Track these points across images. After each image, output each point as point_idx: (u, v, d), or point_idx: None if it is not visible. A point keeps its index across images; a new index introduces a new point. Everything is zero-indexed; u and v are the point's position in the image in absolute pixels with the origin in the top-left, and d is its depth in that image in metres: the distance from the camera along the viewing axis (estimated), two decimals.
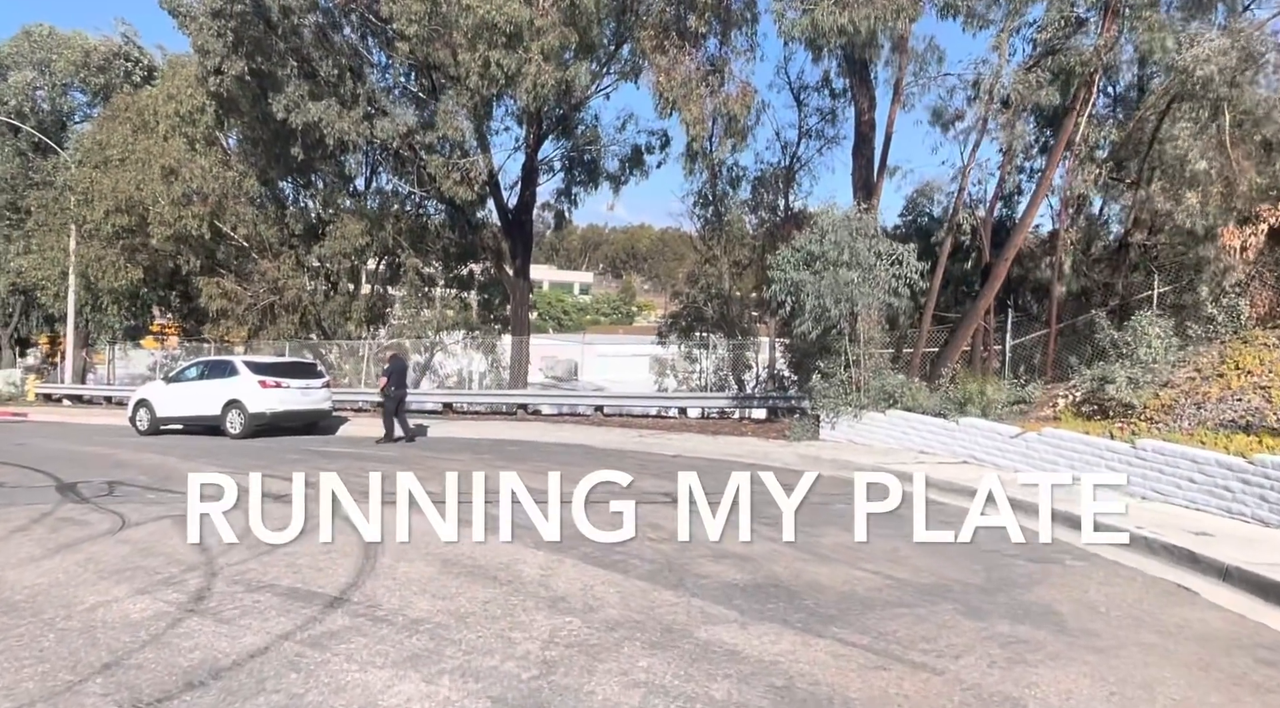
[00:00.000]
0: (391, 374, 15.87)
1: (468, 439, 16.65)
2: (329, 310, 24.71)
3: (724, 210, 20.79)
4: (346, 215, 23.51)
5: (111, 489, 9.86)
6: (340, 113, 20.56)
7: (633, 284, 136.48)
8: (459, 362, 26.94)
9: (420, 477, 11.26)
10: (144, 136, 23.02)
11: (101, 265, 23.02)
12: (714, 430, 16.36)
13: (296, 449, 14.68)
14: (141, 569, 6.15)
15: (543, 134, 22.40)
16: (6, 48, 29.25)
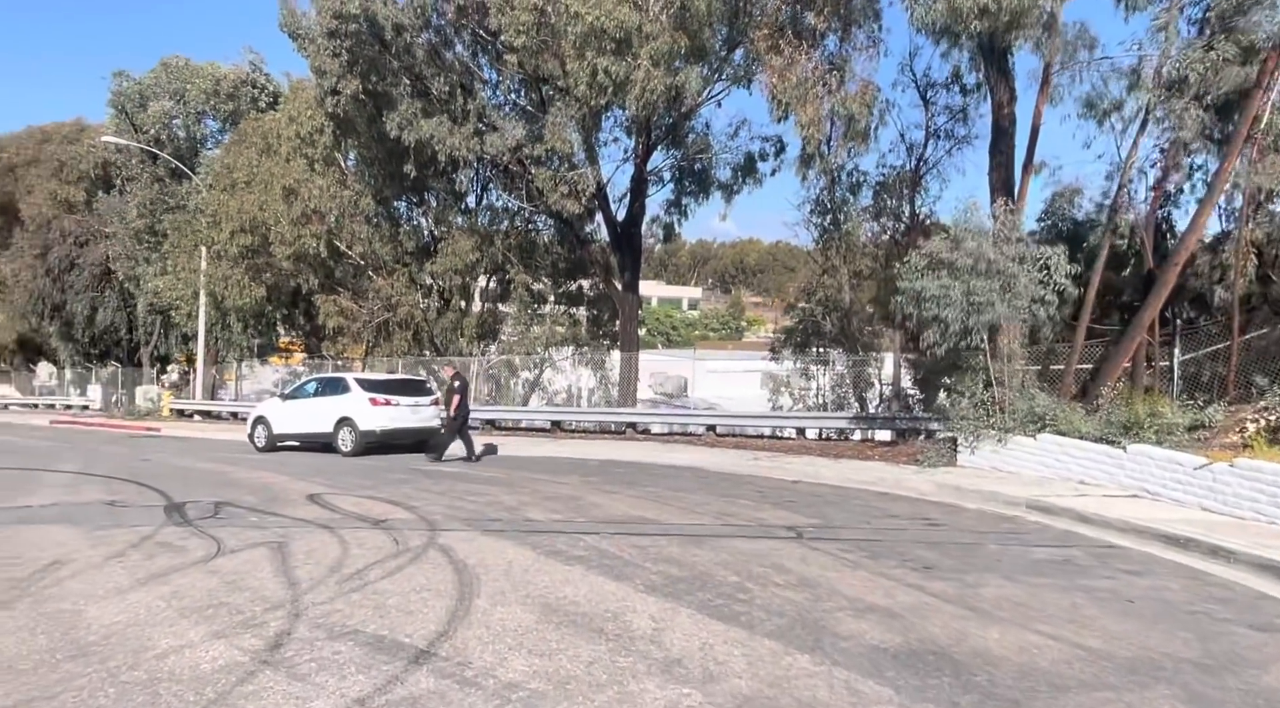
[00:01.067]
0: (462, 392, 15.70)
1: (575, 460, 16.06)
2: (441, 327, 24.81)
3: (843, 218, 19.61)
4: (457, 232, 23.57)
5: (217, 511, 9.66)
6: (451, 129, 20.59)
7: (742, 299, 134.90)
8: (567, 378, 26.60)
9: (524, 502, 10.70)
10: (267, 159, 23.79)
11: (228, 284, 23.87)
12: (835, 453, 15.20)
13: (404, 468, 14.43)
14: (224, 607, 5.67)
15: (652, 144, 21.82)
16: (147, 79, 31.12)
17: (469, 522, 8.96)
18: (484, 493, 11.17)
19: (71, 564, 6.87)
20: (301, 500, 10.50)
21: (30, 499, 10.60)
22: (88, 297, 34.06)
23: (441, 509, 9.76)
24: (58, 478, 13.00)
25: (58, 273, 34.04)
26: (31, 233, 35.34)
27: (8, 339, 38.54)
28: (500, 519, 9.15)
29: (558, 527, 8.71)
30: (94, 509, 9.76)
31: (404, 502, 10.33)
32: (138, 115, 31.03)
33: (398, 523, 8.84)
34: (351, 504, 10.15)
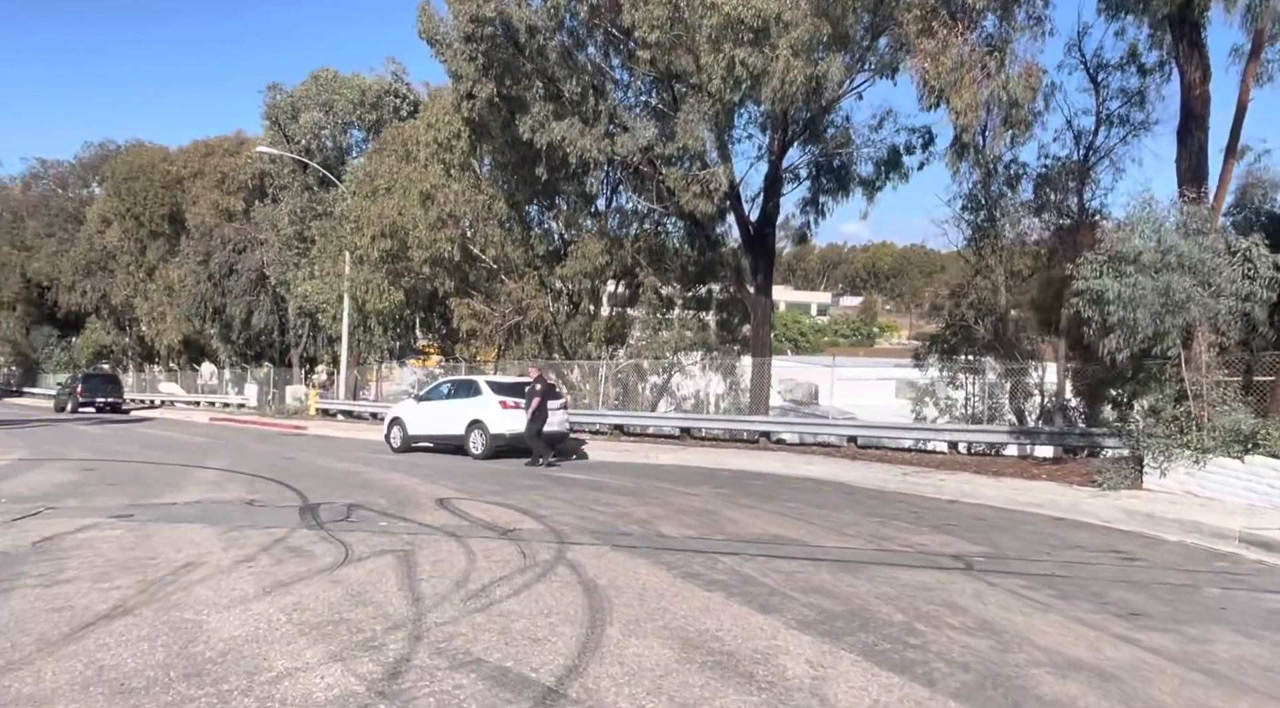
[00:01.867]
0: (543, 395, 15.33)
1: (706, 469, 15.37)
2: (570, 331, 24.69)
3: (999, 214, 18.08)
4: (587, 235, 23.39)
5: (349, 513, 9.53)
6: (582, 131, 20.37)
7: (874, 304, 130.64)
8: (696, 383, 25.97)
9: (655, 514, 10.08)
10: (406, 165, 24.38)
11: (369, 288, 24.62)
12: (994, 470, 13.84)
13: (533, 474, 14.14)
14: (345, 624, 5.30)
15: (788, 140, 20.90)
16: (298, 91, 32.75)
17: (599, 535, 8.42)
18: (614, 503, 10.64)
19: (202, 567, 6.75)
20: (431, 505, 10.28)
21: (177, 496, 10.85)
22: (244, 300, 36.14)
23: (570, 520, 9.29)
24: (206, 475, 13.41)
25: (218, 278, 36.30)
26: (196, 240, 37.88)
27: (174, 340, 41.51)
28: (631, 533, 8.57)
29: (693, 545, 8.05)
30: (234, 508, 9.83)
31: (532, 510, 9.92)
32: (289, 126, 32.71)
33: (526, 534, 8.40)
34: (480, 511, 9.84)
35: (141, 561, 6.95)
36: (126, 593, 5.93)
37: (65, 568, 6.66)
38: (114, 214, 43.30)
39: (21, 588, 6.05)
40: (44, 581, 6.25)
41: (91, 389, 37.95)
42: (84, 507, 9.77)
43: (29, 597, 5.80)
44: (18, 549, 7.36)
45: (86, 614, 5.41)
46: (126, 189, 41.34)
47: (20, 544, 7.56)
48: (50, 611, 5.48)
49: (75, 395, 37.52)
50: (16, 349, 63.77)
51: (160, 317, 41.56)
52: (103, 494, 10.89)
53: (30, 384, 62.39)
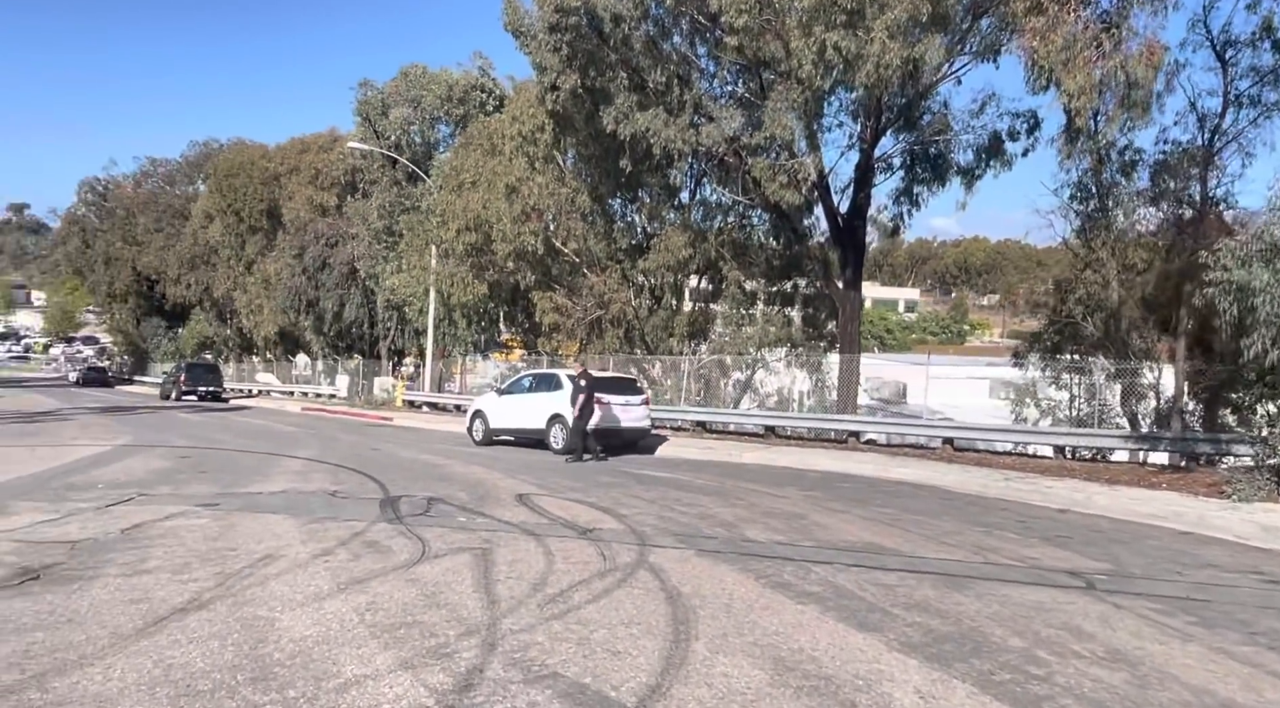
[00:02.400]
0: (588, 391, 15.13)
1: (792, 470, 14.81)
2: (651, 325, 24.38)
3: (1111, 203, 16.88)
4: (670, 228, 23.02)
5: (429, 507, 9.40)
6: (667, 121, 20.00)
7: (965, 301, 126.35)
8: (780, 380, 25.31)
9: (741, 517, 9.62)
10: (491, 159, 24.48)
11: (454, 281, 24.85)
12: (1106, 477, 12.86)
13: (613, 471, 13.85)
14: (418, 627, 5.06)
15: (881, 128, 20.05)
16: (388, 88, 33.38)
17: (682, 537, 8.04)
18: (697, 504, 10.24)
19: (280, 560, 6.65)
20: (510, 500, 10.08)
21: (264, 485, 10.95)
22: (336, 294, 37.10)
23: (652, 520, 8.93)
24: (293, 464, 13.59)
25: (312, 272, 37.37)
26: (291, 235, 39.12)
27: (270, 331, 43.01)
28: (716, 537, 8.16)
29: (782, 551, 7.58)
30: (316, 499, 9.83)
31: (613, 509, 9.61)
32: (380, 122, 33.37)
33: (606, 534, 8.09)
34: (559, 508, 9.58)
35: (222, 552, 6.90)
36: (203, 586, 5.85)
37: (148, 557, 6.66)
38: (216, 210, 45.15)
39: (105, 577, 6.03)
40: (126, 570, 6.24)
41: (194, 378, 39.61)
42: (174, 495, 9.92)
43: (110, 587, 5.77)
44: (107, 536, 7.43)
45: (162, 608, 5.32)
46: (228, 186, 43.02)
47: (110, 531, 7.64)
48: (128, 602, 5.42)
49: (179, 384, 39.23)
50: (128, 339, 67.39)
51: (258, 309, 43.12)
52: (193, 482, 11.08)
53: (141, 372, 65.85)
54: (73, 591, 5.64)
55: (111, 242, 58.36)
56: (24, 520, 8.07)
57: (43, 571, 6.17)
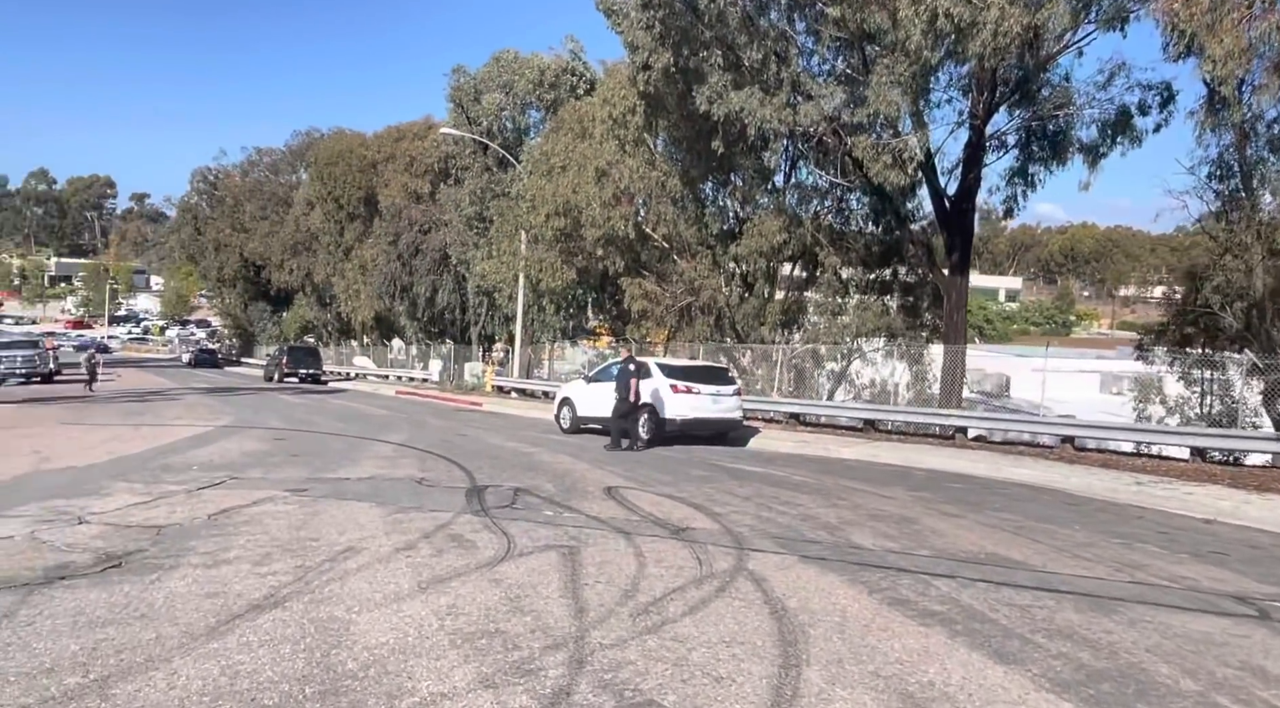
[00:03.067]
0: (635, 377, 14.85)
1: (896, 467, 13.95)
2: (742, 313, 23.64)
3: (1257, 182, 15.27)
4: (763, 213, 22.25)
5: (515, 499, 9.06)
6: (762, 100, 19.18)
7: (1071, 290, 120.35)
8: (878, 371, 24.23)
9: (845, 519, 8.92)
10: (581, 143, 24.14)
11: (543, 267, 24.67)
12: (1254, 484, 11.56)
13: (704, 463, 13.30)
14: (500, 637, 4.64)
15: (994, 103, 18.74)
16: (480, 73, 33.47)
17: (782, 541, 7.44)
18: (796, 502, 9.59)
19: (362, 554, 6.36)
20: (599, 493, 9.66)
21: (351, 471, 10.83)
22: (429, 279, 37.60)
23: (749, 520, 8.35)
24: (383, 449, 13.53)
25: (406, 258, 37.96)
26: (386, 222, 39.82)
27: (367, 316, 44.01)
28: (819, 541, 7.52)
29: (895, 560, 6.89)
30: (402, 487, 9.62)
31: (706, 506, 9.07)
32: (472, 108, 33.50)
33: (700, 534, 7.55)
34: (649, 504, 9.09)
35: (304, 542, 6.67)
36: (282, 580, 5.59)
37: (230, 546, 6.47)
38: (316, 197, 46.40)
39: (185, 566, 5.85)
40: (207, 560, 6.04)
41: (295, 361, 40.89)
42: (264, 479, 9.87)
43: (188, 578, 5.56)
44: (193, 522, 7.31)
45: (238, 604, 5.05)
46: (327, 174, 44.11)
47: (197, 517, 7.54)
48: (204, 596, 5.18)
49: (281, 367, 40.56)
50: (236, 323, 70.41)
51: (355, 294, 44.16)
52: (284, 466, 11.06)
53: (247, 355, 68.75)
54: (150, 582, 5.45)
55: (221, 229, 60.91)
56: (117, 503, 8.08)
57: (125, 558, 6.03)
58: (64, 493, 8.48)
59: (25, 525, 6.93)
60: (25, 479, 9.43)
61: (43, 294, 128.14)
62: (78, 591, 5.21)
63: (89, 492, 8.61)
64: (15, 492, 8.55)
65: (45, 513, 7.48)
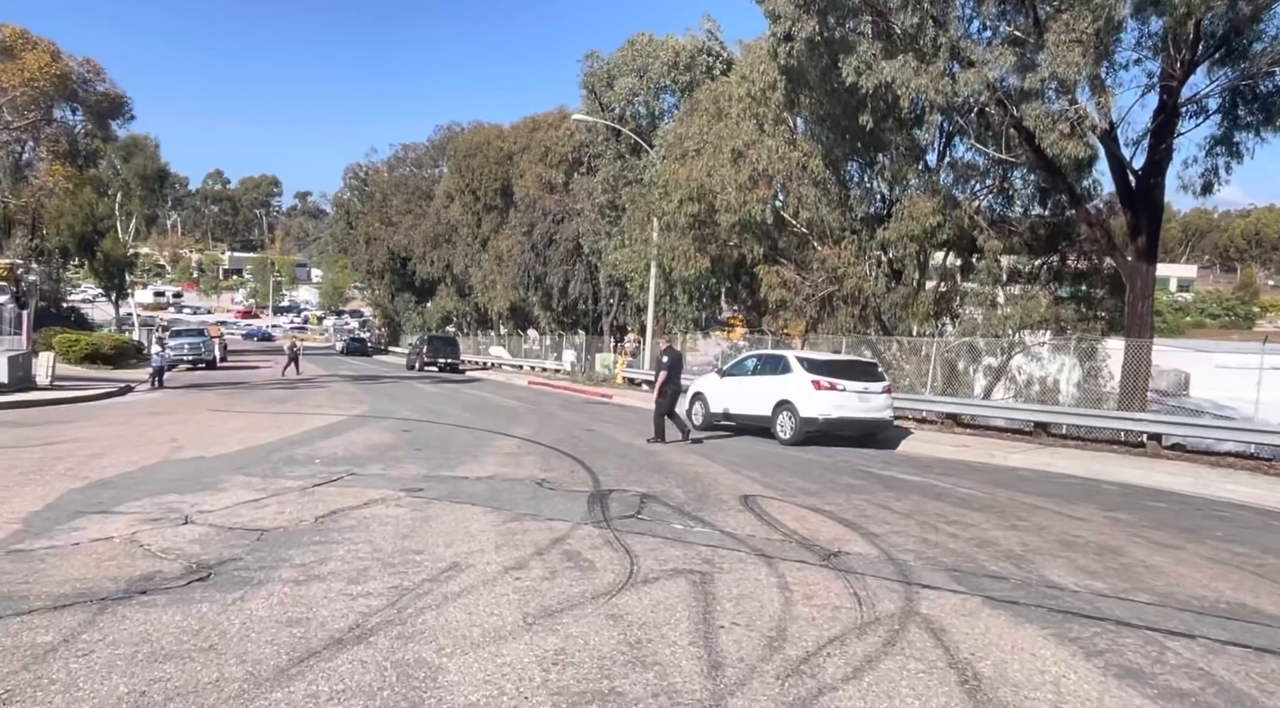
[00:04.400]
0: (671, 370, 14.15)
1: (1079, 480, 12.19)
2: (889, 303, 21.90)
3: None
4: (915, 194, 20.45)
5: (640, 507, 8.15)
6: (917, 69, 17.51)
7: (1255, 279, 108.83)
8: (1040, 368, 21.93)
9: (1029, 545, 7.48)
10: (717, 123, 23.02)
11: (675, 255, 23.73)
12: None
13: (851, 469, 11.99)
14: (615, 699, 3.71)
15: (1192, 62, 16.30)
16: (614, 58, 32.83)
17: (958, 574, 6.18)
18: (966, 522, 8.23)
19: (467, 573, 5.60)
20: (734, 503, 8.63)
21: (472, 468, 10.25)
22: (562, 270, 37.51)
23: (912, 543, 7.11)
24: (507, 444, 12.97)
25: (540, 248, 38.03)
26: (521, 212, 40.05)
27: (503, 307, 44.57)
28: (1005, 577, 6.21)
29: (1109, 608, 5.51)
30: (521, 490, 8.90)
31: (858, 523, 7.87)
32: (605, 94, 32.95)
33: (856, 561, 6.40)
34: (792, 518, 7.98)
35: (407, 555, 5.98)
36: (373, 604, 4.87)
37: (329, 557, 5.86)
38: (455, 190, 47.38)
39: (274, 582, 5.24)
40: (300, 574, 5.43)
41: (434, 351, 41.92)
42: (382, 475, 9.40)
43: (273, 598, 4.93)
44: (298, 526, 6.80)
45: (318, 636, 4.35)
46: (466, 166, 44.89)
47: (303, 519, 7.03)
48: (284, 624, 4.51)
49: (421, 356, 41.67)
50: (384, 313, 73.60)
51: (491, 285, 44.79)
52: (405, 461, 10.62)
53: (394, 344, 71.72)
54: (232, 601, 4.85)
55: (370, 223, 63.53)
56: (229, 499, 7.72)
57: (216, 568, 5.50)
58: (181, 487, 8.23)
59: (129, 525, 6.60)
60: (152, 470, 9.33)
61: (217, 286, 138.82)
62: (153, 610, 4.66)
63: (205, 486, 8.34)
64: (137, 484, 8.38)
65: (155, 510, 7.17)
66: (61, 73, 19.30)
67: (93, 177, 49.62)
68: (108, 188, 52.94)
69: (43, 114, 20.03)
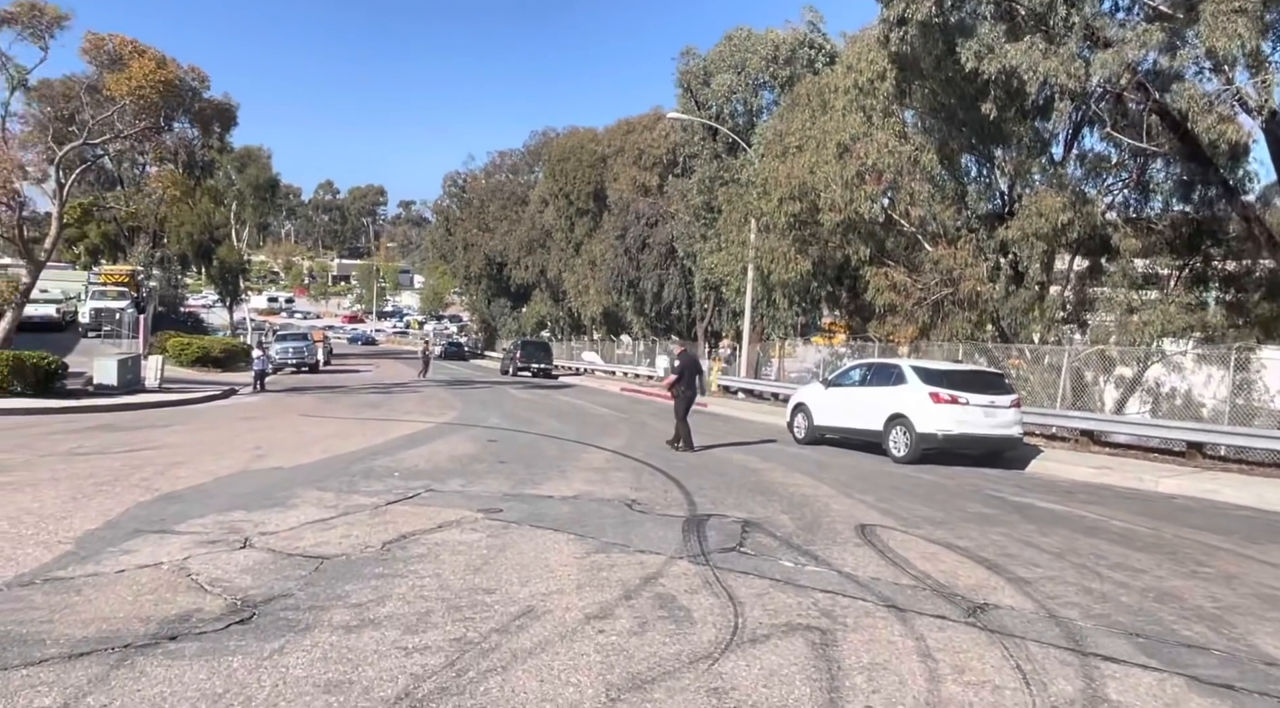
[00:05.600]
0: (683, 373, 13.69)
1: (1252, 512, 10.54)
2: (1010, 307, 20.19)
3: None
4: (1042, 189, 18.74)
5: (743, 538, 7.19)
6: (1045, 52, 15.99)
7: None
8: (1184, 379, 19.78)
9: (1226, 604, 5.89)
10: (821, 116, 21.78)
11: (774, 257, 22.54)
12: None
13: (979, 494, 10.68)
14: None
15: None
16: (711, 54, 31.84)
17: (1141, 640, 4.99)
18: (1133, 566, 6.93)
19: (542, 622, 4.76)
20: (849, 534, 7.56)
21: (557, 486, 9.47)
22: (655, 274, 36.78)
23: (1072, 594, 5.92)
24: (595, 458, 12.18)
25: (633, 252, 37.39)
26: (614, 216, 39.54)
27: (596, 311, 44.17)
28: (1204, 646, 4.98)
29: None
30: (610, 512, 8.05)
31: (1001, 564, 6.69)
32: (701, 92, 32.01)
33: (1007, 618, 5.28)
34: (920, 555, 6.87)
35: (476, 596, 5.19)
36: (430, 664, 4.08)
37: (389, 596, 5.12)
38: (550, 194, 47.34)
39: (321, 628, 4.52)
40: (353, 618, 4.70)
41: (527, 356, 41.81)
42: (461, 493, 8.72)
43: (316, 651, 4.20)
44: (362, 554, 6.11)
45: (358, 706, 3.57)
46: (560, 170, 44.74)
47: (370, 545, 6.35)
48: (320, 689, 3.76)
49: (515, 361, 41.61)
50: (481, 317, 74.65)
51: (584, 289, 44.46)
52: (487, 476, 9.94)
53: (490, 348, 72.63)
54: (269, 654, 4.14)
55: (468, 229, 64.44)
56: (296, 518, 7.14)
57: (261, 607, 4.82)
58: (250, 502, 7.73)
59: (184, 548, 6.05)
60: (226, 481, 8.91)
61: (326, 291, 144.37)
62: (177, 664, 3.98)
63: (275, 502, 7.81)
64: (206, 498, 7.93)
65: (216, 530, 6.63)
66: (167, 79, 19.69)
67: (210, 186, 51.90)
68: (223, 197, 55.30)
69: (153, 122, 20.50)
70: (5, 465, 9.43)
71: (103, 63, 20.46)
